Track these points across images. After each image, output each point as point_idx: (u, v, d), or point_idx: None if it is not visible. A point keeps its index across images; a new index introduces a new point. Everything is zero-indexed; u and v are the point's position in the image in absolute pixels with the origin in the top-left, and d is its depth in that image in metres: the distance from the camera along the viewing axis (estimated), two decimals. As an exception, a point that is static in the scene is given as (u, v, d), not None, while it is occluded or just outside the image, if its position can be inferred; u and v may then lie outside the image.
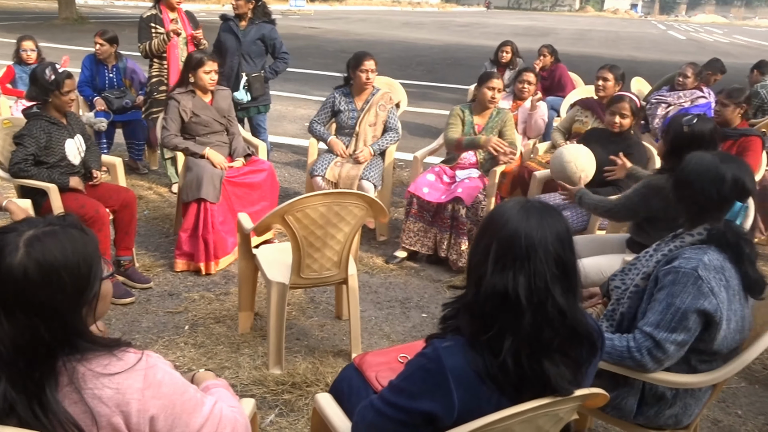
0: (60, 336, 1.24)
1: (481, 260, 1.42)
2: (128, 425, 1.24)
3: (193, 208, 3.80)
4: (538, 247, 1.38)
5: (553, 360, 1.40)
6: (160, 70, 4.94)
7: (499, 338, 1.38)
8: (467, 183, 4.12)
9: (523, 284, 1.37)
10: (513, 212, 1.42)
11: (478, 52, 17.77)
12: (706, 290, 1.86)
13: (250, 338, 3.22)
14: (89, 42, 6.21)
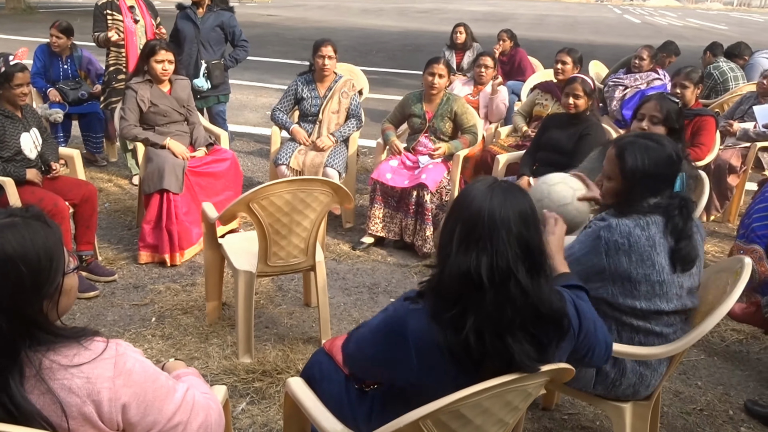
0: (20, 329, 1.22)
1: (446, 240, 1.45)
2: (100, 415, 1.24)
3: (155, 199, 3.74)
4: (500, 228, 1.41)
5: (516, 338, 1.44)
6: (117, 58, 4.82)
7: (461, 316, 1.42)
8: (431, 169, 4.15)
9: (485, 264, 1.40)
10: (478, 193, 1.45)
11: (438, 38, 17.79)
12: (601, 249, 1.98)
13: (219, 328, 3.21)
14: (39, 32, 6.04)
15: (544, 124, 4.15)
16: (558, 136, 3.93)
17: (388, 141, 4.38)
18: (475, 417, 1.48)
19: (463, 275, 1.40)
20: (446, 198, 4.18)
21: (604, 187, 2.14)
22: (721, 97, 5.98)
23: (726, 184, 4.72)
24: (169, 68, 3.98)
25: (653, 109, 2.98)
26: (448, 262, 1.42)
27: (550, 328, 1.49)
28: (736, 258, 2.18)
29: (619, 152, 2.06)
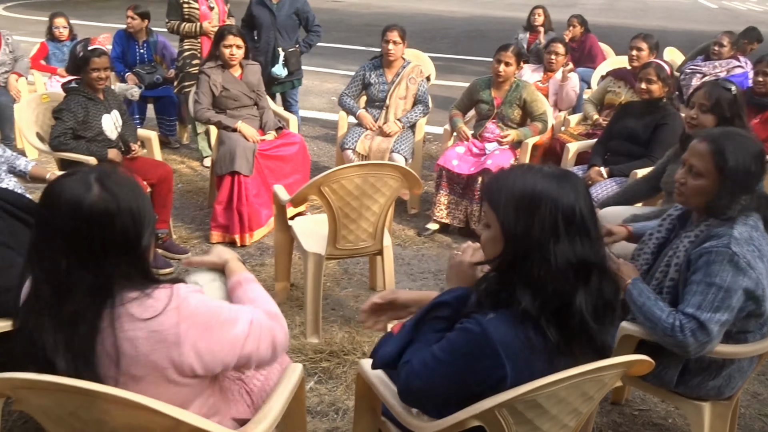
0: (123, 273, 1.29)
1: (546, 239, 1.39)
2: (172, 362, 1.30)
3: (227, 181, 3.85)
4: (590, 214, 1.42)
5: (607, 321, 1.45)
6: (192, 44, 4.94)
7: (565, 308, 1.40)
8: (497, 154, 4.10)
9: (590, 249, 1.41)
10: (556, 185, 1.42)
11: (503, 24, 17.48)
12: (743, 265, 1.84)
13: (287, 308, 3.28)
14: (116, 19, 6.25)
15: (618, 112, 4.03)
16: (633, 124, 3.81)
17: (456, 127, 4.35)
18: (552, 407, 1.47)
19: (577, 263, 1.39)
20: (513, 186, 4.12)
21: (689, 185, 2.01)
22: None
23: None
24: (237, 53, 4.06)
25: (702, 97, 2.84)
26: (551, 256, 1.38)
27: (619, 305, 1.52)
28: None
29: (716, 149, 1.94)
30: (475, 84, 4.40)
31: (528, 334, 1.40)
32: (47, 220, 1.26)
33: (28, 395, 1.34)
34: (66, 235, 1.24)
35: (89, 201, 1.25)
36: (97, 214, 1.25)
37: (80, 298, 1.26)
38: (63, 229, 1.24)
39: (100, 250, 1.27)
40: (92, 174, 1.29)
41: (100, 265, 1.27)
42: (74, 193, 1.25)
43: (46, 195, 1.27)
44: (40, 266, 1.27)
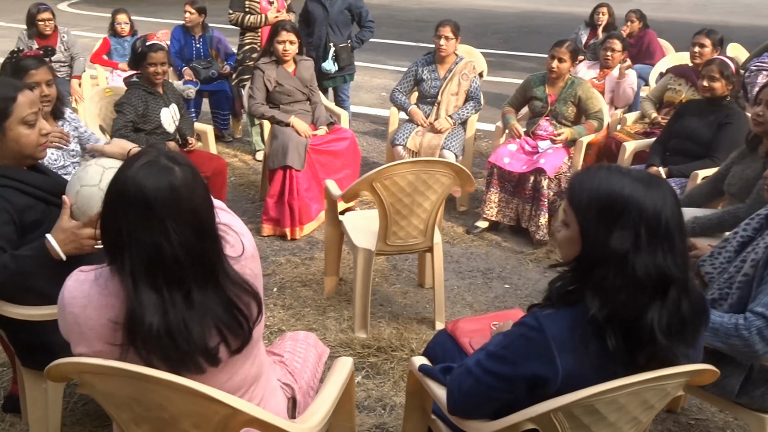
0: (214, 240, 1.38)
1: (625, 247, 1.35)
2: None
3: (279, 175, 3.90)
4: (676, 225, 1.36)
5: (684, 336, 1.39)
6: (253, 38, 5.00)
7: (638, 318, 1.36)
8: (550, 153, 4.03)
9: (672, 263, 1.35)
10: (644, 191, 1.36)
11: (556, 19, 17.16)
12: None
13: (336, 302, 3.30)
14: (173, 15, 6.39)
15: (680, 110, 3.91)
16: (694, 124, 3.69)
17: (508, 124, 4.29)
18: (610, 413, 1.43)
19: (656, 276, 1.34)
20: (564, 184, 4.05)
21: None
22: None
23: None
24: (290, 49, 4.10)
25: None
26: (628, 264, 1.34)
27: (700, 320, 1.44)
28: None
29: None
30: (529, 80, 4.33)
31: (586, 335, 1.38)
32: (147, 210, 1.28)
33: (93, 380, 1.38)
34: (171, 214, 1.29)
35: (180, 179, 1.31)
36: (188, 188, 1.32)
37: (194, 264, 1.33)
38: (167, 210, 1.29)
39: (201, 213, 1.34)
40: (160, 156, 1.34)
41: (202, 229, 1.34)
42: (164, 178, 1.30)
43: (133, 188, 1.29)
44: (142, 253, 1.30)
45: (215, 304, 1.34)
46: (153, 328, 1.28)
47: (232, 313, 1.37)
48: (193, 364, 1.34)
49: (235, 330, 1.38)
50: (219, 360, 1.38)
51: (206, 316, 1.33)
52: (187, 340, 1.31)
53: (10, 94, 1.89)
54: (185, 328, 1.30)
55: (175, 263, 1.29)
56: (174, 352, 1.31)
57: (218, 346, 1.36)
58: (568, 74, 4.18)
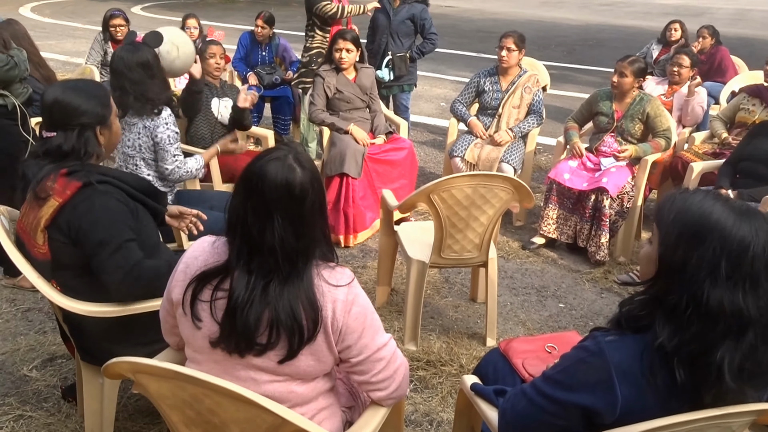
0: (316, 242, 1.48)
1: (702, 276, 1.28)
2: (333, 320, 1.46)
3: (335, 182, 3.92)
4: (766, 264, 1.27)
5: (758, 379, 1.31)
6: (322, 41, 5.02)
7: (708, 354, 1.28)
8: (613, 172, 3.91)
9: (752, 304, 1.26)
10: (736, 221, 1.28)
11: (622, 33, 16.77)
12: None
13: (386, 312, 3.29)
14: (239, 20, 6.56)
15: (754, 131, 3.74)
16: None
17: (571, 141, 4.19)
18: (670, 449, 1.37)
19: (731, 314, 1.26)
20: (628, 204, 3.93)
21: None
22: None
23: None
24: (347, 57, 4.12)
25: None
26: (702, 296, 1.27)
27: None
28: None
29: None
30: (595, 95, 4.23)
31: (652, 365, 1.31)
32: (261, 198, 1.42)
33: (147, 380, 1.41)
34: (279, 208, 1.42)
35: (298, 180, 1.42)
36: (303, 191, 1.43)
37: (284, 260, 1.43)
38: (277, 204, 1.42)
39: (307, 218, 1.45)
40: (290, 155, 1.45)
41: (303, 232, 1.44)
42: (284, 175, 1.42)
43: (256, 176, 1.43)
44: (249, 234, 1.43)
45: (283, 303, 1.42)
46: (234, 297, 1.42)
47: (291, 319, 1.42)
48: (234, 344, 1.44)
49: (283, 339, 1.42)
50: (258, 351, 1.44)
51: (268, 309, 1.42)
52: (244, 321, 1.41)
53: (106, 90, 2.04)
54: (249, 310, 1.41)
55: (270, 254, 1.41)
56: (229, 326, 1.43)
57: (264, 343, 1.43)
58: (636, 90, 4.06)
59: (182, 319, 1.51)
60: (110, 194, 1.93)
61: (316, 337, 1.45)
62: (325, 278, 1.47)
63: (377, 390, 1.59)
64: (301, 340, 1.43)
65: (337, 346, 1.50)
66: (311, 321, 1.43)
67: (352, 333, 1.49)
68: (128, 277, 1.89)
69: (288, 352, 1.43)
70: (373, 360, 1.54)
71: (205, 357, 1.50)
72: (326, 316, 1.45)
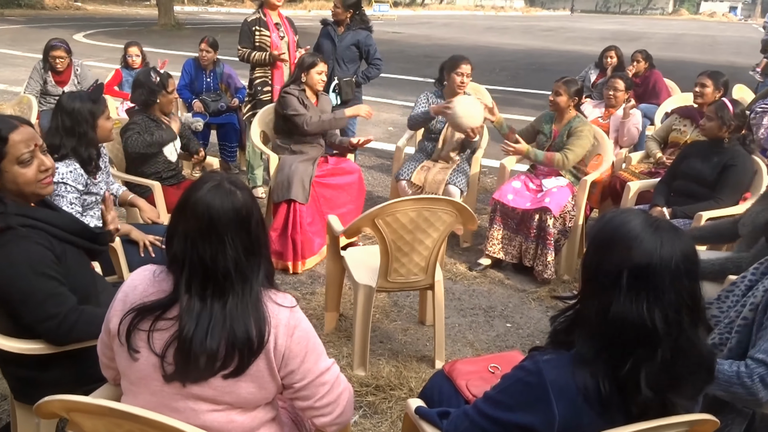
0: (261, 258, 1.50)
1: (607, 284, 1.33)
2: (275, 346, 1.46)
3: (282, 208, 3.91)
4: (674, 277, 1.30)
5: (681, 390, 1.35)
6: (264, 71, 5.03)
7: (631, 369, 1.32)
8: (555, 192, 4.03)
9: (659, 316, 1.30)
10: (644, 233, 1.32)
11: (564, 57, 17.36)
12: None
13: (335, 338, 3.28)
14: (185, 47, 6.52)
15: (685, 151, 3.91)
16: (699, 165, 3.69)
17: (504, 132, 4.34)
18: (608, 462, 1.40)
19: (634, 325, 1.30)
20: (569, 223, 4.04)
21: None
22: None
23: None
24: (323, 80, 4.18)
25: None
26: (611, 308, 1.33)
27: (700, 382, 1.39)
28: None
29: None
30: (540, 117, 4.37)
31: (585, 380, 1.35)
32: (211, 226, 1.43)
33: (81, 418, 1.37)
34: (230, 232, 1.44)
35: (241, 202, 1.45)
36: (248, 211, 1.47)
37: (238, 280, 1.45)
38: (227, 229, 1.44)
39: (254, 235, 1.48)
40: (224, 180, 1.48)
41: (253, 250, 1.47)
42: (228, 200, 1.44)
43: (202, 206, 1.44)
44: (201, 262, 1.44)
45: (238, 321, 1.43)
46: (186, 327, 1.41)
47: (245, 335, 1.43)
48: (195, 366, 1.42)
49: (237, 357, 1.43)
50: (214, 371, 1.43)
51: (226, 330, 1.42)
52: (205, 349, 1.40)
53: (2, 134, 1.85)
54: (210, 337, 1.41)
55: (225, 278, 1.43)
56: (184, 356, 1.42)
57: (223, 358, 1.43)
58: (573, 111, 4.19)
59: (119, 350, 1.48)
60: (30, 239, 1.83)
61: (258, 360, 1.44)
62: (272, 298, 1.49)
63: (321, 415, 1.58)
64: (251, 353, 1.43)
65: (279, 371, 1.49)
66: (260, 333, 1.44)
67: (294, 357, 1.49)
68: (63, 325, 1.83)
69: (236, 367, 1.43)
70: (317, 384, 1.54)
71: (142, 389, 1.47)
72: (268, 341, 1.44)
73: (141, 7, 31.81)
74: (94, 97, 2.91)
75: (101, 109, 2.90)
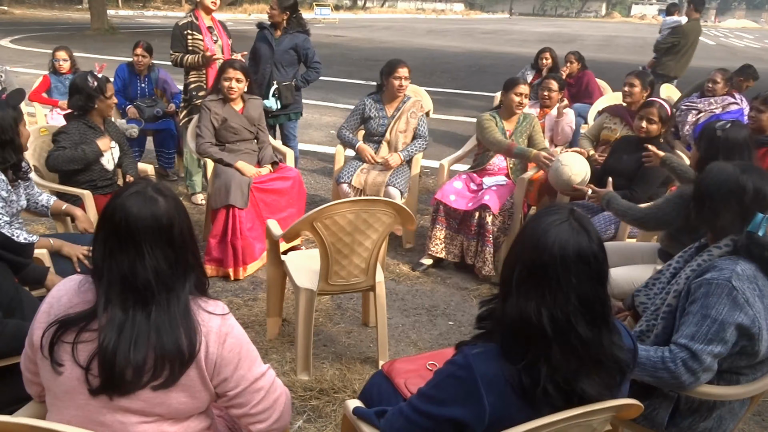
0: (189, 267, 1.46)
1: (507, 278, 1.39)
2: (206, 354, 1.43)
3: (221, 214, 3.85)
4: (561, 278, 1.33)
5: (584, 383, 1.39)
6: (198, 76, 4.94)
7: (534, 364, 1.36)
8: (494, 190, 4.11)
9: (546, 315, 1.34)
10: (542, 231, 1.36)
11: (503, 59, 17.72)
12: (741, 301, 1.82)
13: (278, 344, 3.25)
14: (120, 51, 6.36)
15: (615, 147, 4.05)
16: (626, 160, 3.83)
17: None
18: (539, 452, 1.43)
19: (524, 321, 1.35)
20: (509, 221, 4.12)
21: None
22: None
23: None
24: (236, 87, 4.09)
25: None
26: (509, 301, 1.37)
27: (612, 375, 1.43)
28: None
29: (699, 176, 1.99)
30: (486, 119, 4.32)
31: (512, 372, 1.39)
32: (128, 234, 1.40)
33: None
34: (149, 241, 1.40)
35: (163, 210, 1.42)
36: (169, 219, 1.43)
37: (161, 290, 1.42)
38: (146, 237, 1.40)
39: (177, 245, 1.44)
40: (149, 186, 1.45)
41: (176, 259, 1.44)
42: (148, 207, 1.41)
43: (120, 213, 1.40)
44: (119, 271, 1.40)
45: (166, 332, 1.39)
46: (106, 339, 1.37)
47: (176, 345, 1.39)
48: (121, 379, 1.38)
49: (167, 368, 1.40)
50: (142, 384, 1.39)
51: (153, 341, 1.39)
52: (131, 361, 1.37)
53: None
54: (133, 348, 1.37)
55: (146, 288, 1.39)
56: (108, 369, 1.37)
57: (149, 378, 1.39)
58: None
59: (42, 364, 1.43)
60: None
61: (189, 370, 1.41)
62: (202, 306, 1.46)
63: (258, 422, 1.56)
64: (182, 364, 1.40)
65: (212, 380, 1.47)
66: (190, 343, 1.41)
67: (227, 365, 1.47)
68: None
69: (167, 379, 1.40)
70: (251, 391, 1.52)
71: (67, 404, 1.42)
72: (199, 350, 1.42)
73: (72, 11, 30.75)
74: (13, 104, 2.80)
75: (21, 116, 2.80)
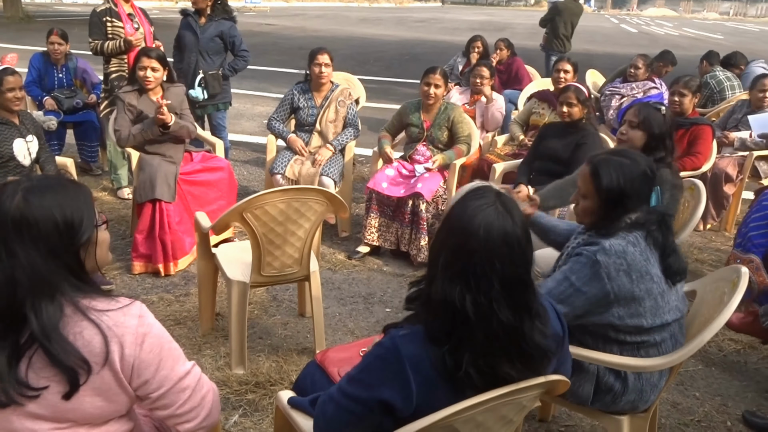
0: (56, 270, 1.34)
1: (434, 260, 1.40)
2: (122, 356, 1.35)
3: (148, 208, 3.71)
4: (485, 263, 1.34)
5: (506, 366, 1.41)
6: (119, 65, 4.73)
7: (457, 349, 1.37)
8: (427, 177, 4.13)
9: (469, 300, 1.35)
10: (466, 215, 1.37)
11: (435, 47, 17.84)
12: (602, 274, 1.93)
13: (212, 339, 3.17)
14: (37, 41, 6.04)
15: (541, 133, 4.14)
16: (555, 145, 3.93)
17: (382, 150, 4.35)
18: (470, 431, 1.45)
19: (448, 305, 1.36)
20: (442, 207, 4.16)
21: (580, 206, 2.11)
22: (717, 106, 5.98)
23: (722, 193, 4.71)
24: (152, 76, 3.91)
25: (631, 114, 3.00)
26: (434, 284, 1.38)
27: (537, 361, 1.45)
28: (733, 267, 2.16)
29: (593, 170, 2.03)
30: (405, 108, 4.43)
31: (436, 354, 1.39)
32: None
33: None
34: (18, 240, 1.32)
35: (5, 209, 1.32)
36: (16, 221, 1.32)
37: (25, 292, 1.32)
38: (13, 237, 1.32)
39: (52, 241, 1.34)
40: (22, 184, 1.36)
41: (53, 254, 1.33)
42: (10, 202, 1.33)
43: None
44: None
45: (53, 340, 1.30)
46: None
47: (69, 355, 1.30)
48: (16, 393, 1.29)
49: (62, 377, 1.31)
50: (37, 395, 1.31)
51: (33, 346, 1.30)
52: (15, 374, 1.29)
53: None
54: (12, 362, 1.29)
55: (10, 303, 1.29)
56: None
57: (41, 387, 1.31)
58: (442, 100, 4.32)
59: None
60: None
61: (101, 373, 1.34)
62: (102, 309, 1.36)
63: (185, 422, 1.51)
64: (84, 372, 1.32)
65: (131, 383, 1.39)
66: (89, 354, 1.33)
67: (147, 367, 1.39)
68: None
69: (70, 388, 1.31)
70: (176, 391, 1.46)
71: None
72: (112, 351, 1.34)
73: (-16, -2, 28.96)
74: None
75: None
